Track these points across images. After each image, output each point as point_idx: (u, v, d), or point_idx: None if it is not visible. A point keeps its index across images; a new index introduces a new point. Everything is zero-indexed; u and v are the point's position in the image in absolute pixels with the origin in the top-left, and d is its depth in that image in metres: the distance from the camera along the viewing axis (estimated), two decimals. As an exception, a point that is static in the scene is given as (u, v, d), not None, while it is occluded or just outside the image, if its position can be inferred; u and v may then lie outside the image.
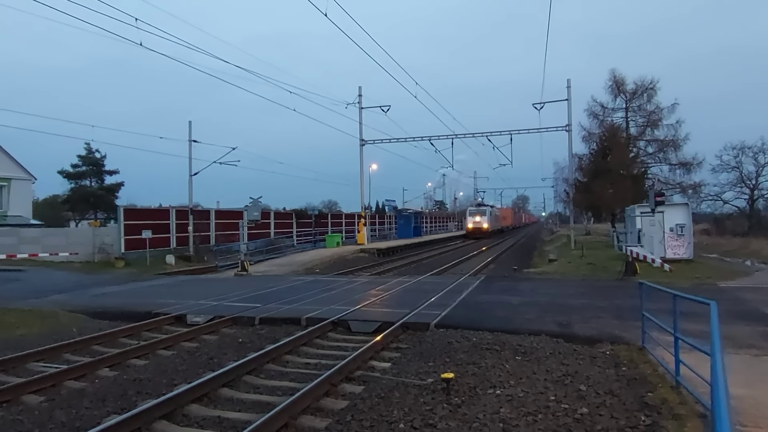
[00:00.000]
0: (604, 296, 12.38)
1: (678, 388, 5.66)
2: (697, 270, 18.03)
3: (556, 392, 5.73)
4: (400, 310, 10.47)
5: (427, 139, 33.90)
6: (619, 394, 5.62)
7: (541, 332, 8.54)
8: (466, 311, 10.51)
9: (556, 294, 12.85)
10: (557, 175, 57.47)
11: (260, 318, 10.18)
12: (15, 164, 36.72)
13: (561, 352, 7.43)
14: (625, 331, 8.37)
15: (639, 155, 39.33)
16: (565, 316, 9.79)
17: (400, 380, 6.26)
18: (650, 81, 37.71)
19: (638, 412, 5.09)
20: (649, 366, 6.63)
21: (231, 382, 6.40)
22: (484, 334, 8.58)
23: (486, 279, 16.65)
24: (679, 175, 37.91)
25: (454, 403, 5.44)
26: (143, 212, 27.73)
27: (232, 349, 8.25)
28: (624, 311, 10.07)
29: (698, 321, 7.66)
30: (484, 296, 12.57)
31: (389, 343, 8.35)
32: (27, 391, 6.13)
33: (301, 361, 7.49)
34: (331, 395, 5.93)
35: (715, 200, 40.97)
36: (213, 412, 5.50)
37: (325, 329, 9.36)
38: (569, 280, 16.54)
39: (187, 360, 7.62)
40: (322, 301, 11.91)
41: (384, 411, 5.31)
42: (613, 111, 39.66)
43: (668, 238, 20.72)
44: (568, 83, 30.15)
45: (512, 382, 6.09)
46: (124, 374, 6.95)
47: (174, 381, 6.57)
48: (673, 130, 37.50)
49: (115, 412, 5.45)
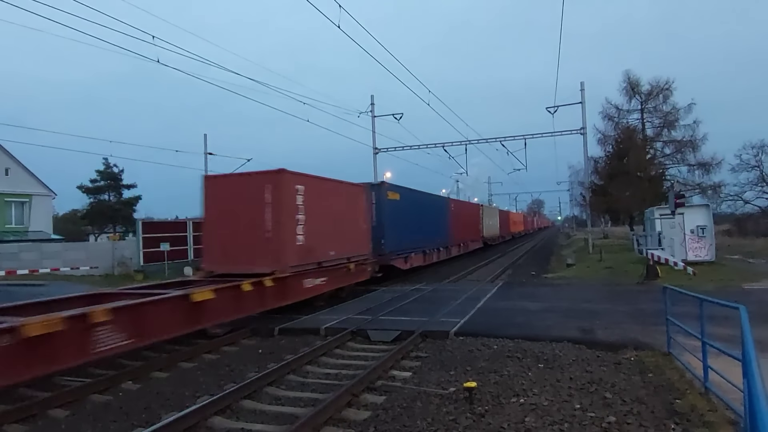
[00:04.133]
0: (626, 301, 12.19)
1: (707, 394, 5.54)
2: (720, 272, 17.68)
3: (582, 400, 5.63)
4: (419, 318, 10.41)
5: (441, 145, 33.82)
6: (647, 402, 5.50)
7: (563, 339, 8.43)
8: (486, 318, 10.42)
9: (576, 299, 12.68)
10: (572, 178, 57.01)
11: (279, 328, 10.20)
12: (36, 181, 37.49)
13: (584, 359, 7.32)
14: (649, 337, 8.22)
15: (656, 156, 38.77)
16: (586, 322, 9.65)
17: (422, 390, 6.21)
18: (666, 81, 37.20)
19: (667, 420, 4.98)
20: (676, 372, 6.50)
21: (253, 393, 6.42)
22: (505, 341, 8.50)
23: (504, 285, 16.51)
24: (698, 175, 37.22)
25: (478, 412, 5.38)
26: (161, 225, 28.03)
27: (252, 360, 8.27)
28: (647, 316, 9.89)
29: (724, 325, 7.51)
30: (503, 303, 12.46)
31: (409, 351, 8.31)
32: (53, 405, 6.21)
33: (322, 372, 7.48)
34: (354, 406, 5.91)
35: (736, 200, 40.13)
36: (236, 424, 5.51)
37: (345, 339, 9.36)
38: (589, 284, 16.32)
39: (208, 372, 7.66)
40: (339, 311, 11.90)
41: (407, 421, 5.27)
42: (628, 113, 39.17)
43: (689, 240, 20.37)
44: (582, 86, 29.91)
45: (536, 390, 6.01)
46: (147, 387, 7.00)
47: (196, 393, 6.61)
48: (690, 131, 36.88)
49: (140, 426, 5.49)
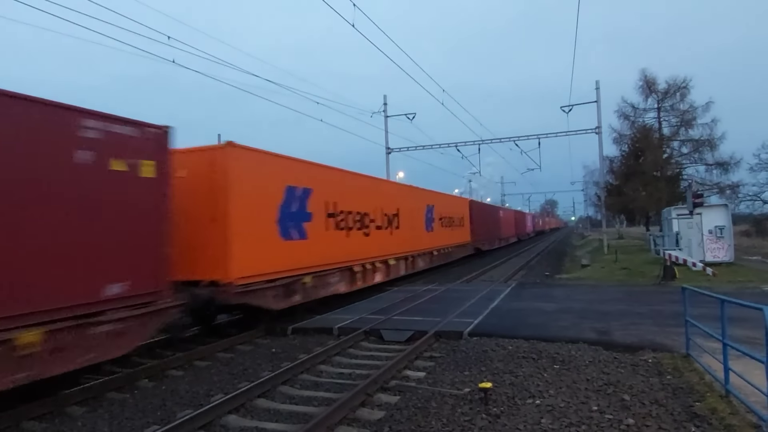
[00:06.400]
0: (643, 302, 12.01)
1: (728, 397, 5.42)
2: (739, 273, 17.37)
3: (599, 402, 5.55)
4: (432, 319, 10.36)
5: (454, 145, 33.70)
6: (666, 404, 5.40)
7: (579, 340, 8.32)
8: (500, 319, 10.34)
9: (591, 300, 12.53)
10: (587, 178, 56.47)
11: (293, 328, 10.23)
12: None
13: (601, 360, 7.22)
14: (667, 338, 8.09)
15: (673, 156, 38.25)
16: (602, 323, 9.53)
17: (436, 390, 6.18)
18: (683, 80, 36.71)
19: (687, 423, 4.89)
20: (696, 374, 6.37)
21: (267, 392, 6.43)
22: (520, 342, 8.42)
23: (518, 285, 16.37)
24: (716, 175, 36.65)
25: (493, 413, 5.33)
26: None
27: (266, 359, 8.30)
28: (664, 317, 9.74)
29: (743, 327, 7.40)
30: (517, 303, 12.35)
31: (423, 352, 8.27)
32: (70, 403, 6.28)
33: (335, 371, 7.48)
34: (367, 405, 5.89)
35: (754, 200, 39.36)
36: (251, 422, 5.53)
37: (358, 339, 9.35)
38: (604, 285, 16.12)
39: (222, 370, 7.70)
40: (352, 311, 11.90)
41: (422, 422, 5.24)
42: (644, 111, 38.73)
43: (707, 240, 20.05)
44: (597, 85, 29.59)
45: (552, 392, 5.94)
46: (163, 385, 7.06)
47: (211, 391, 6.64)
48: (708, 129, 36.34)
49: (155, 423, 5.54)
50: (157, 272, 7.05)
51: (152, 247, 6.99)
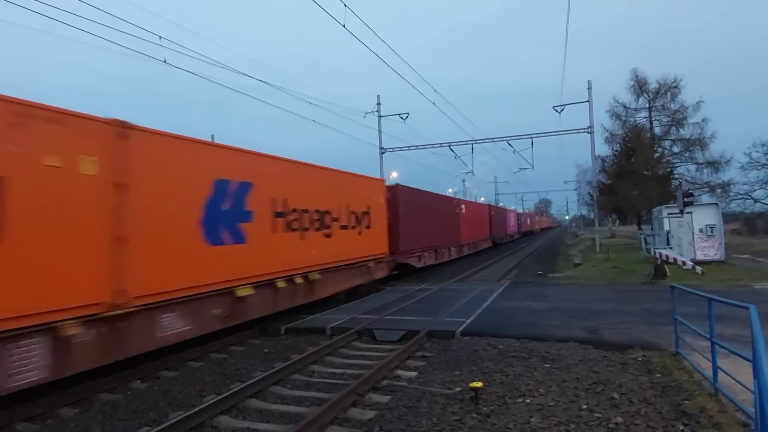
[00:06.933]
0: (633, 300, 12.12)
1: (716, 395, 5.49)
2: (729, 272, 17.53)
3: (588, 401, 5.61)
4: (425, 318, 10.40)
5: (447, 145, 33.74)
6: (655, 403, 5.46)
7: (569, 339, 8.39)
8: (492, 318, 10.39)
9: (582, 299, 12.62)
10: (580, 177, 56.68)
11: (285, 328, 10.23)
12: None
13: (591, 359, 7.28)
14: (656, 337, 8.17)
15: (664, 155, 38.46)
16: (592, 322, 9.60)
17: (427, 389, 6.21)
18: (674, 79, 36.91)
19: (676, 421, 4.94)
20: (684, 373, 6.44)
21: (259, 393, 6.44)
22: (511, 341, 8.47)
23: (510, 285, 16.44)
24: (707, 174, 36.89)
25: (483, 412, 5.37)
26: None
27: (258, 359, 8.30)
28: (654, 316, 9.83)
29: (733, 325, 7.49)
30: (509, 303, 12.42)
31: (414, 351, 8.30)
32: (62, 404, 6.26)
33: (327, 371, 7.50)
34: (359, 405, 5.91)
35: (745, 199, 39.66)
36: (242, 423, 5.54)
37: (350, 338, 9.37)
38: (595, 284, 16.23)
39: (215, 371, 7.70)
40: (344, 311, 11.92)
41: (412, 421, 5.28)
42: (635, 111, 38.91)
43: (698, 239, 20.23)
44: (589, 84, 29.71)
45: (542, 391, 5.98)
46: (155, 386, 7.05)
47: (203, 392, 6.64)
48: (699, 129, 36.58)
49: (147, 424, 5.53)
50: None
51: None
